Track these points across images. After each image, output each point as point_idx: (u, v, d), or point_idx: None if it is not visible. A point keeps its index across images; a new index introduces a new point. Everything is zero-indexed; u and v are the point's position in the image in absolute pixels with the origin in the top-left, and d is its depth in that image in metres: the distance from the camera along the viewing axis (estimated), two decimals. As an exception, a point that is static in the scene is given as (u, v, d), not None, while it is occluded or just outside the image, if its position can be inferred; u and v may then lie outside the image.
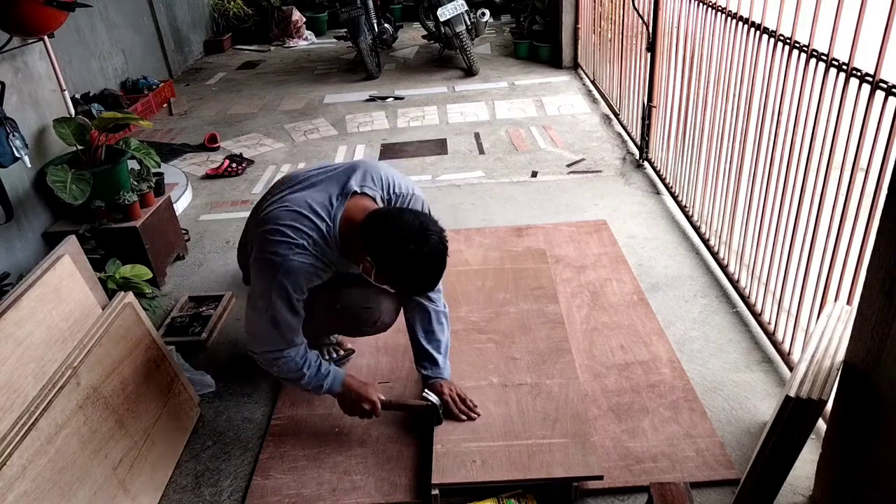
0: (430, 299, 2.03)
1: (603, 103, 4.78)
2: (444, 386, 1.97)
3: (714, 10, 2.58)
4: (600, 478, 1.77)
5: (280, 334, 1.79)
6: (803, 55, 1.98)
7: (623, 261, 2.83)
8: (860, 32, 1.71)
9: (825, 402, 1.46)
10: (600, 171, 3.77)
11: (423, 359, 2.04)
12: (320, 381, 1.88)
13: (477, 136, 4.46)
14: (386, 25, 6.50)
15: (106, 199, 2.75)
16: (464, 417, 1.94)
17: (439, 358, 2.03)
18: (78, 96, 4.61)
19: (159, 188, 3.00)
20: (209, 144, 4.55)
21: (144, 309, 2.09)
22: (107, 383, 1.81)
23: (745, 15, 2.32)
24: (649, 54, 3.45)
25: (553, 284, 2.60)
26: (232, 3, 7.52)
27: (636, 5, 3.56)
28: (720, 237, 2.73)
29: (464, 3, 5.52)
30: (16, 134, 2.51)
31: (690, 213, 3.06)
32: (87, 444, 1.69)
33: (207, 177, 4.08)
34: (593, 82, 5.13)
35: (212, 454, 2.04)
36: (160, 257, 2.92)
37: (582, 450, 1.82)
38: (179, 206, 3.57)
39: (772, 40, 2.16)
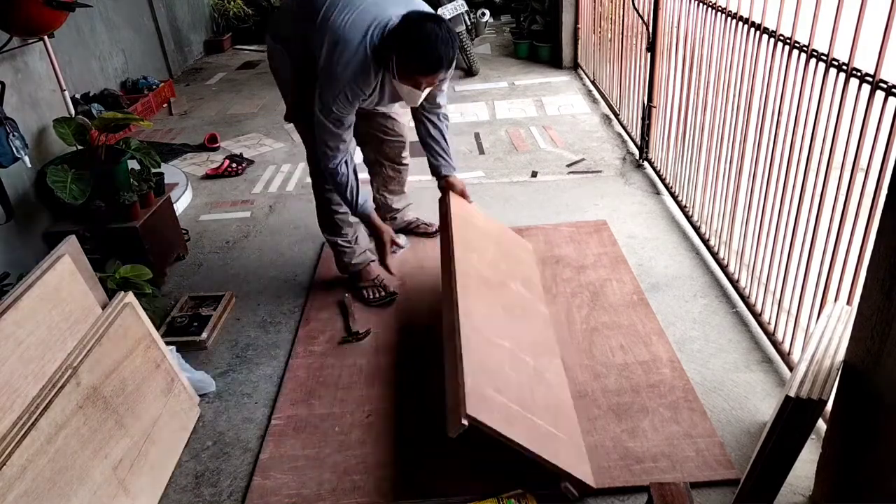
0: (437, 104, 2.46)
1: (603, 103, 4.78)
2: (458, 182, 2.54)
3: (714, 10, 2.58)
4: (592, 490, 1.75)
5: (343, 132, 2.22)
6: (803, 55, 1.98)
7: (623, 261, 2.83)
8: (860, 32, 1.71)
9: (825, 402, 1.46)
10: (600, 171, 3.77)
11: (434, 160, 2.54)
12: (359, 201, 2.36)
13: (477, 136, 4.46)
14: (386, 25, 6.49)
15: (106, 199, 2.75)
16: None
17: (446, 156, 2.52)
18: (78, 96, 4.61)
19: (159, 188, 3.00)
20: (209, 144, 4.55)
21: (144, 309, 2.08)
22: (107, 383, 1.81)
23: (745, 15, 2.32)
24: (649, 54, 3.45)
25: (540, 285, 2.58)
26: (232, 3, 7.52)
27: (636, 5, 3.56)
28: (720, 237, 2.73)
29: (464, 3, 5.51)
30: (16, 134, 2.51)
31: (690, 213, 3.06)
32: (87, 444, 1.69)
33: (207, 177, 4.08)
34: (593, 82, 5.13)
35: (212, 454, 2.04)
36: (160, 257, 2.92)
37: (577, 456, 1.81)
38: (179, 206, 3.57)
39: (772, 40, 2.16)
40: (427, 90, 2.15)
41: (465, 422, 1.58)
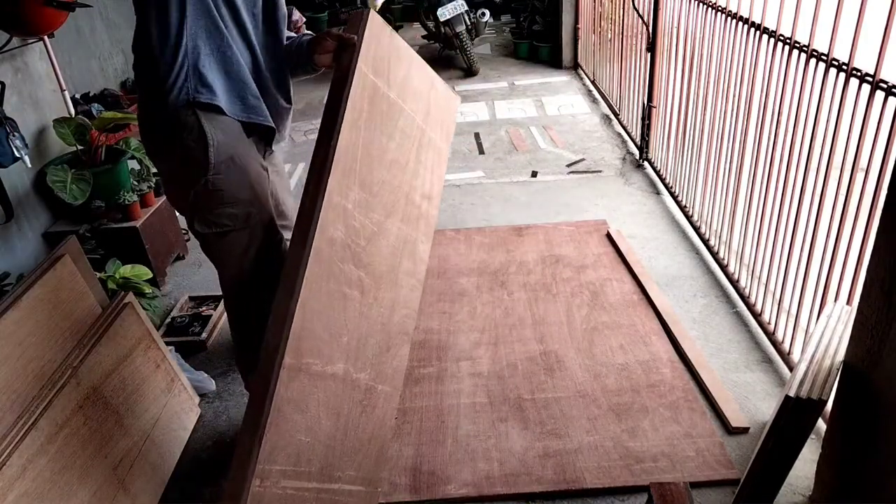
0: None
1: (603, 103, 4.78)
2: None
3: (714, 10, 2.58)
4: None
5: None
6: (803, 55, 1.98)
7: (623, 260, 2.83)
8: (860, 32, 1.71)
9: (825, 402, 1.47)
10: (600, 171, 3.77)
11: (291, 43, 1.83)
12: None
13: (477, 136, 4.46)
14: (386, 25, 6.49)
15: (106, 199, 2.75)
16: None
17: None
18: (78, 96, 4.59)
19: (159, 188, 3.00)
20: (209, 144, 4.54)
21: (144, 309, 2.09)
22: (107, 383, 1.81)
23: (745, 15, 2.32)
24: (649, 54, 3.45)
25: (442, 173, 2.03)
26: (232, 3, 7.50)
27: (636, 5, 3.56)
28: (720, 237, 2.73)
29: (464, 3, 5.51)
30: (16, 134, 2.51)
31: (690, 213, 3.06)
32: (87, 444, 1.69)
33: (207, 177, 4.07)
34: (593, 82, 5.13)
35: (212, 454, 2.04)
36: (160, 257, 2.92)
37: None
38: (179, 206, 3.56)
39: (772, 40, 2.16)
40: None
41: None
